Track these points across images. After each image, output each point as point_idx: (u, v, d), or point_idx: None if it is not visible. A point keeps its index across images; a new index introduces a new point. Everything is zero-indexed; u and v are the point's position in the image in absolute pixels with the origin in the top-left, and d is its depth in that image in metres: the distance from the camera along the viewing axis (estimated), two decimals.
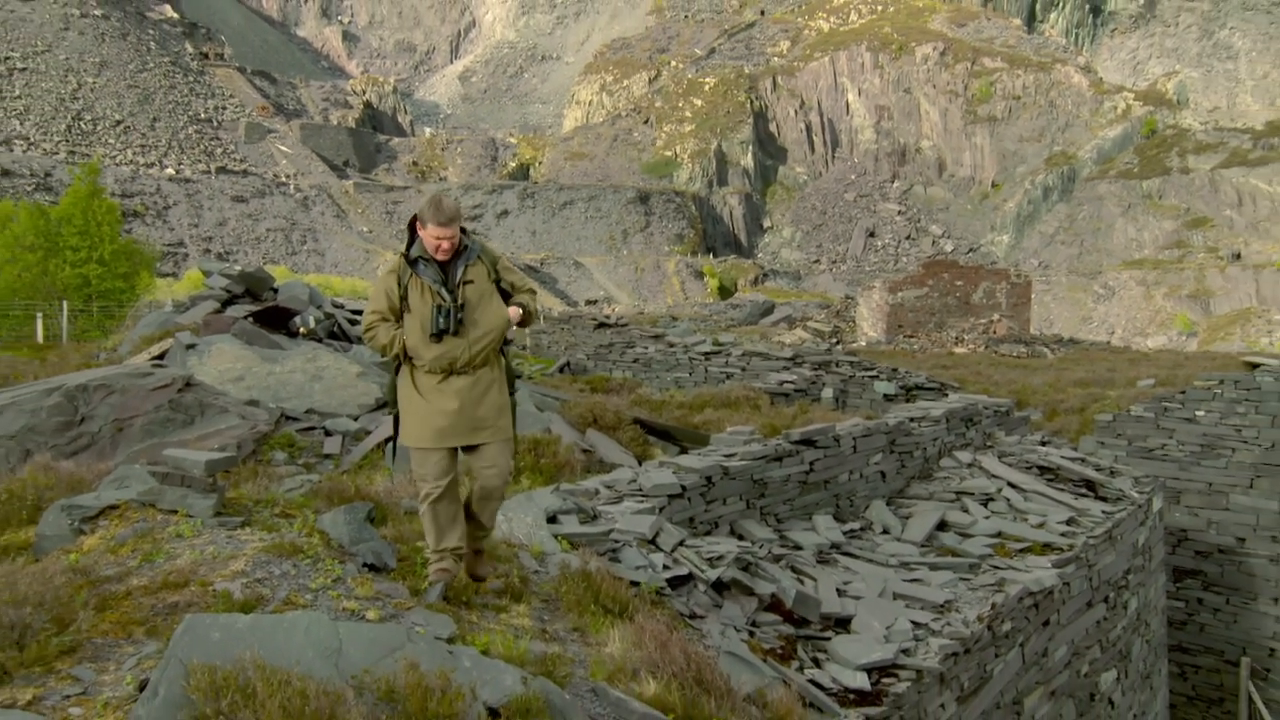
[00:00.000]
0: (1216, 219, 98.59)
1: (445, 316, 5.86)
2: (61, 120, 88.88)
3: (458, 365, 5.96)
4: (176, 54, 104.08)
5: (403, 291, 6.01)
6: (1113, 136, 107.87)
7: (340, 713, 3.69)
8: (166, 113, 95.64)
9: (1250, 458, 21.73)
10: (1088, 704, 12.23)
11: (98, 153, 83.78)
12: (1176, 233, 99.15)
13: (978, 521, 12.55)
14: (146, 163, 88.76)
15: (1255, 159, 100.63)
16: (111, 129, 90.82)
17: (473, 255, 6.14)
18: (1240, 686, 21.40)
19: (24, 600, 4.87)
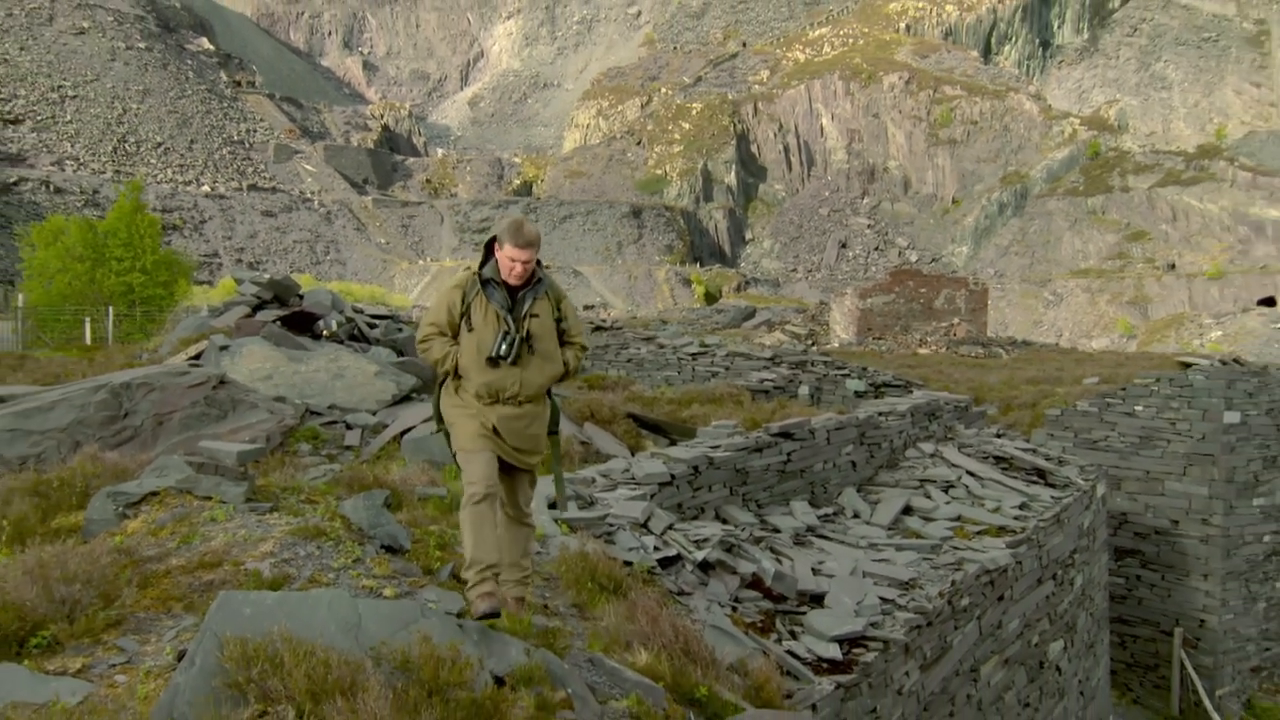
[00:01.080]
0: (1153, 233, 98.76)
1: (508, 344, 5.28)
2: (108, 142, 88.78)
3: (505, 396, 5.39)
4: (212, 82, 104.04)
5: (465, 309, 5.42)
6: (1060, 158, 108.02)
7: (360, 681, 3.68)
8: (203, 135, 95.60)
9: (1183, 448, 21.80)
10: (1037, 671, 12.24)
11: (141, 172, 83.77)
12: (1118, 245, 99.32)
13: (939, 506, 12.57)
14: (184, 181, 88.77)
15: (1187, 179, 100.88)
16: (153, 150, 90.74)
17: (541, 290, 5.54)
18: (1173, 654, 21.48)
19: (74, 578, 4.88)
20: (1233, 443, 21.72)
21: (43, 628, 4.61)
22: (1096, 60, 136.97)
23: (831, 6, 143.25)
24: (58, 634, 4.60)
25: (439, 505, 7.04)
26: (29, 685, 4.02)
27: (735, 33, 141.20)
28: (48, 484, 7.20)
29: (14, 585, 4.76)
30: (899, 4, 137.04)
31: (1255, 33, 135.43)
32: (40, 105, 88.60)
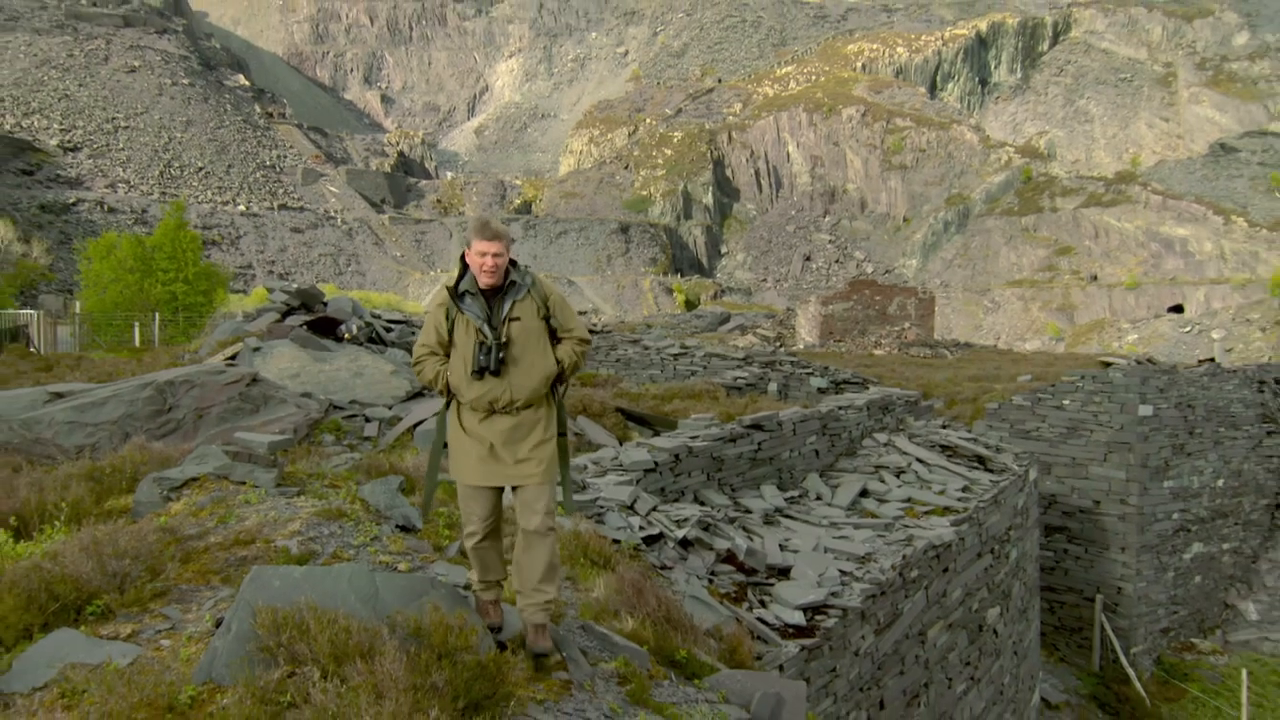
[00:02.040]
0: (1078, 248, 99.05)
1: (486, 354, 4.71)
2: (155, 167, 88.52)
3: (499, 405, 4.80)
4: (247, 114, 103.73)
5: (450, 326, 4.87)
6: (998, 182, 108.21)
7: (377, 645, 3.68)
8: (239, 161, 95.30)
9: (1104, 437, 21.97)
10: (977, 634, 12.27)
11: (184, 193, 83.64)
12: (1047, 259, 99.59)
13: (892, 490, 12.60)
14: (223, 201, 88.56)
15: (1107, 201, 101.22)
16: (195, 174, 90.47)
17: (522, 291, 4.91)
18: (1095, 618, 21.65)
19: (124, 554, 4.91)
20: (1146, 433, 21.90)
21: (97, 597, 4.64)
22: (1028, 97, 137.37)
23: (797, 47, 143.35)
24: (110, 603, 4.62)
25: (447, 489, 7.02)
26: (85, 648, 4.04)
27: (712, 70, 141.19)
28: (101, 470, 7.19)
29: (72, 560, 4.78)
30: (856, 46, 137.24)
31: (1164, 74, 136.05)
32: (96, 135, 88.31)
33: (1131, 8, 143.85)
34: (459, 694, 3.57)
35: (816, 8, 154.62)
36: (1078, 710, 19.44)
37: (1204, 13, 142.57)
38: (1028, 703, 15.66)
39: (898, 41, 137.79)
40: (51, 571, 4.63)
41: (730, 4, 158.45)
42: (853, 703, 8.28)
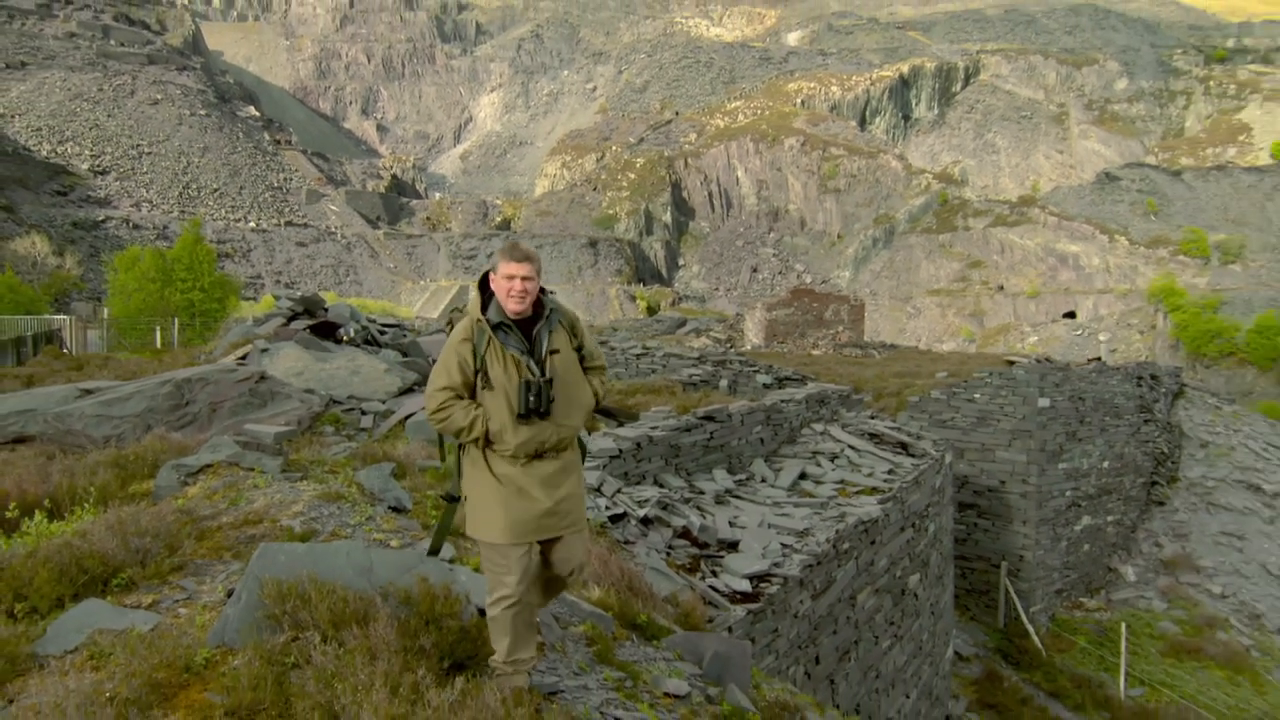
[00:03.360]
0: (987, 262, 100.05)
1: (536, 395, 3.73)
2: (175, 188, 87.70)
3: (545, 449, 3.85)
4: (257, 141, 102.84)
5: (479, 364, 3.79)
6: (918, 204, 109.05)
7: (371, 612, 3.68)
8: (250, 183, 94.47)
9: (1009, 426, 22.17)
10: (900, 597, 12.36)
11: (200, 211, 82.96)
12: (961, 271, 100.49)
13: (827, 473, 12.63)
14: (235, 218, 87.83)
15: (1012, 221, 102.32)
16: (211, 194, 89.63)
17: (555, 321, 3.96)
18: (1000, 582, 21.84)
19: (145, 532, 4.89)
20: (1044, 421, 22.13)
21: (121, 571, 4.62)
22: (944, 130, 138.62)
23: (744, 85, 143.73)
24: (133, 576, 4.61)
25: (435, 475, 6.98)
26: (111, 616, 4.03)
27: (670, 104, 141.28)
28: (125, 458, 7.10)
29: (99, 538, 4.76)
30: (796, 84, 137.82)
31: (1058, 113, 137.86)
32: (123, 160, 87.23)
33: (1030, 56, 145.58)
34: (444, 655, 3.56)
35: (761, 51, 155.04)
36: (985, 661, 19.62)
37: (1090, 61, 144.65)
38: (943, 656, 15.79)
39: (832, 81, 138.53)
40: (81, 548, 4.60)
41: (686, 47, 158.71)
42: (792, 659, 8.32)
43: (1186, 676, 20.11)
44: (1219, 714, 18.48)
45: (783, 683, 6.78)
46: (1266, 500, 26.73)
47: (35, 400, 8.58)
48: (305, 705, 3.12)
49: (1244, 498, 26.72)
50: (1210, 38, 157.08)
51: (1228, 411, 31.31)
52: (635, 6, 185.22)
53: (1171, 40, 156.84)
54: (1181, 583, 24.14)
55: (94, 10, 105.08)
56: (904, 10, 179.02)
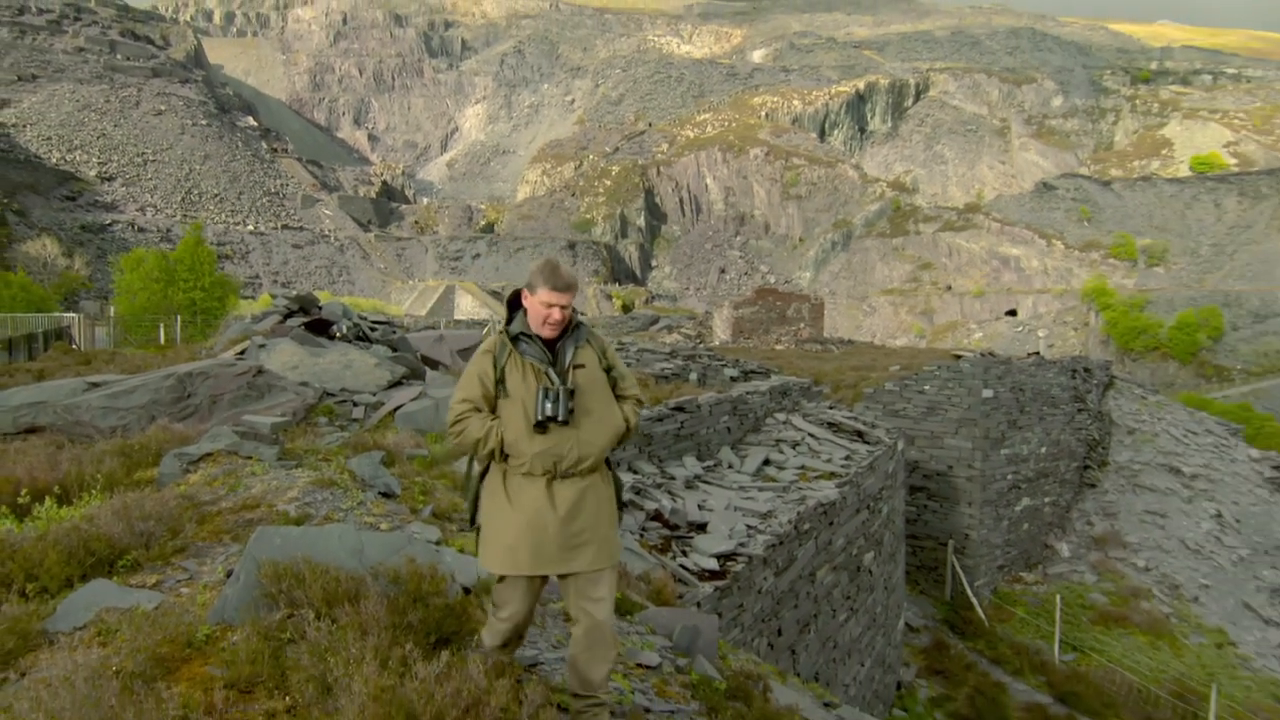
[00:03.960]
0: (936, 264, 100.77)
1: (554, 401, 3.34)
2: (178, 194, 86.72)
3: (562, 467, 3.38)
4: (256, 149, 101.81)
5: (499, 375, 3.45)
6: (874, 210, 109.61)
7: (362, 591, 3.66)
8: (248, 188, 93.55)
9: (956, 415, 22.33)
10: (856, 574, 12.43)
11: (201, 215, 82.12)
12: (913, 272, 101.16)
13: (789, 459, 12.68)
14: (235, 222, 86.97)
15: (959, 226, 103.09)
16: (211, 200, 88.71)
17: (582, 338, 3.57)
18: (947, 559, 22.02)
19: (149, 516, 4.85)
20: (988, 411, 22.31)
21: (127, 553, 4.58)
22: (897, 142, 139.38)
23: (713, 99, 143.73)
24: (138, 558, 4.57)
25: (422, 463, 6.94)
26: (117, 595, 4.00)
27: (644, 116, 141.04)
28: (131, 447, 7.01)
29: (105, 522, 4.71)
30: (760, 99, 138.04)
31: (1001, 127, 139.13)
32: (128, 167, 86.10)
33: (975, 74, 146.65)
34: (431, 630, 3.54)
35: (728, 67, 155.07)
36: (933, 632, 19.79)
37: (1029, 80, 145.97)
38: (895, 627, 15.91)
39: (794, 96, 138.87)
40: (88, 531, 4.56)
41: (658, 63, 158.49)
42: (756, 631, 8.35)
43: (1113, 642, 20.39)
44: (1141, 675, 18.74)
45: (747, 654, 6.81)
46: (1185, 481, 27.12)
47: (46, 393, 8.47)
48: (300, 677, 3.11)
49: (1166, 480, 27.10)
50: (1136, 60, 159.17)
51: (1152, 401, 31.73)
52: (611, 25, 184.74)
53: (1102, 62, 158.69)
54: (1110, 557, 24.45)
55: (101, 26, 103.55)
56: (859, 31, 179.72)
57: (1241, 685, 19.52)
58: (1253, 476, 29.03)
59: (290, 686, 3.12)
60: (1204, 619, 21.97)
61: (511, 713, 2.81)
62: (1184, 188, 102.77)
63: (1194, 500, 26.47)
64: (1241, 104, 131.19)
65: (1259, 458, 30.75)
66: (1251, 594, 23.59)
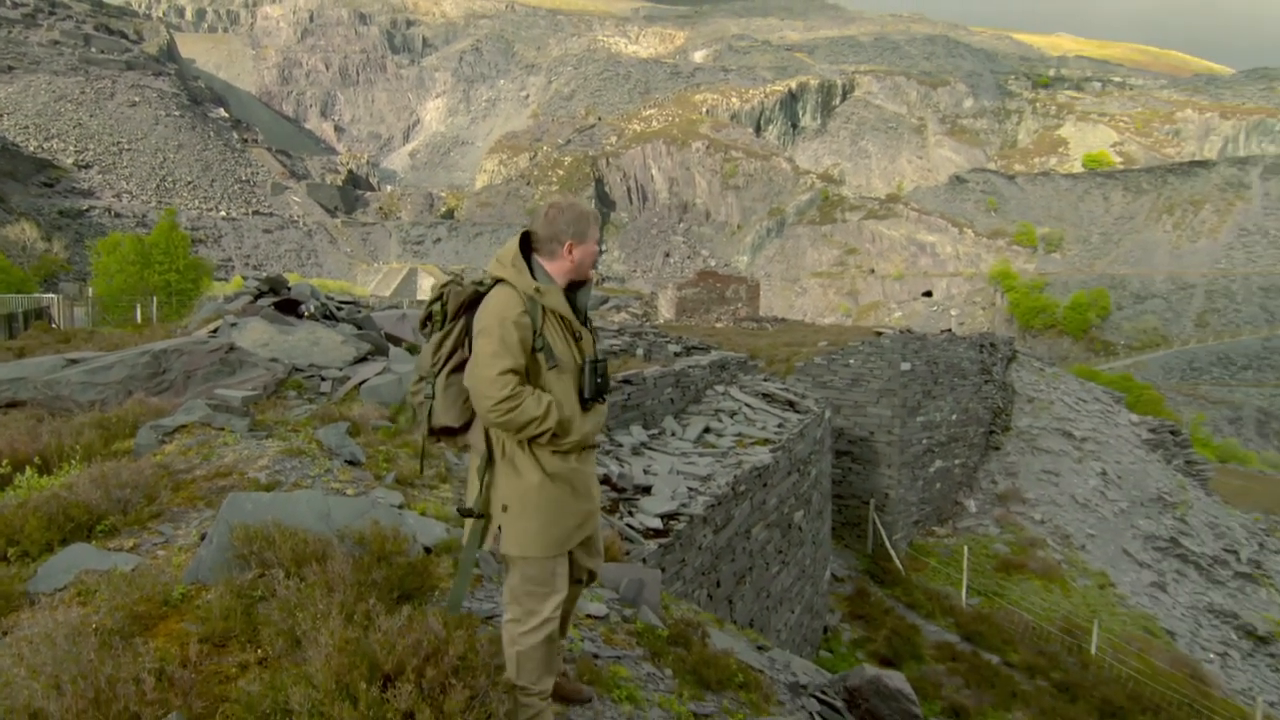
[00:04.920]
0: (861, 249, 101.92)
1: (602, 376, 2.84)
2: (153, 181, 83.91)
3: (592, 439, 2.91)
4: (227, 139, 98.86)
5: (540, 342, 2.73)
6: (805, 200, 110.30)
7: (329, 551, 3.62)
8: (221, 176, 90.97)
9: (877, 386, 22.66)
10: (787, 530, 12.59)
11: (175, 202, 79.55)
12: (840, 257, 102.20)
13: (727, 427, 12.77)
14: (207, 208, 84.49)
15: (881, 214, 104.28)
16: (185, 187, 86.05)
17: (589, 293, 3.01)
18: (869, 516, 22.40)
19: (125, 484, 4.72)
20: (905, 382, 22.69)
21: (104, 519, 4.45)
22: (826, 138, 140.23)
23: (658, 95, 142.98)
24: (115, 523, 4.44)
25: (386, 432, 6.84)
26: (96, 558, 3.90)
27: (594, 110, 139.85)
28: (108, 420, 6.81)
29: (83, 489, 4.58)
30: (701, 96, 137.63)
31: (918, 125, 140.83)
32: (104, 155, 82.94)
33: (896, 77, 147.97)
34: (394, 587, 3.52)
35: (672, 66, 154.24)
36: (856, 581, 20.18)
37: (944, 83, 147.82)
38: (822, 578, 16.19)
39: (732, 93, 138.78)
40: (67, 498, 4.44)
41: (607, 61, 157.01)
42: (697, 584, 8.43)
43: (1013, 587, 21.02)
44: (1036, 615, 19.37)
45: (689, 604, 6.88)
46: (1076, 444, 27.95)
47: (26, 369, 8.19)
48: (270, 632, 3.08)
49: (1059, 442, 27.88)
50: (1036, 67, 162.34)
51: (1049, 373, 32.55)
52: (563, 25, 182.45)
53: (1007, 68, 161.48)
54: (1011, 512, 25.12)
55: (76, 21, 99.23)
56: (792, 35, 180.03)
57: (1119, 620, 20.30)
58: (1132, 438, 30.04)
59: (261, 640, 3.09)
60: (1089, 564, 22.75)
61: (470, 660, 2.81)
62: (1077, 182, 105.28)
63: (1083, 460, 27.27)
64: (1126, 109, 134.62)
65: (1138, 422, 31.83)
66: (1129, 541, 24.49)
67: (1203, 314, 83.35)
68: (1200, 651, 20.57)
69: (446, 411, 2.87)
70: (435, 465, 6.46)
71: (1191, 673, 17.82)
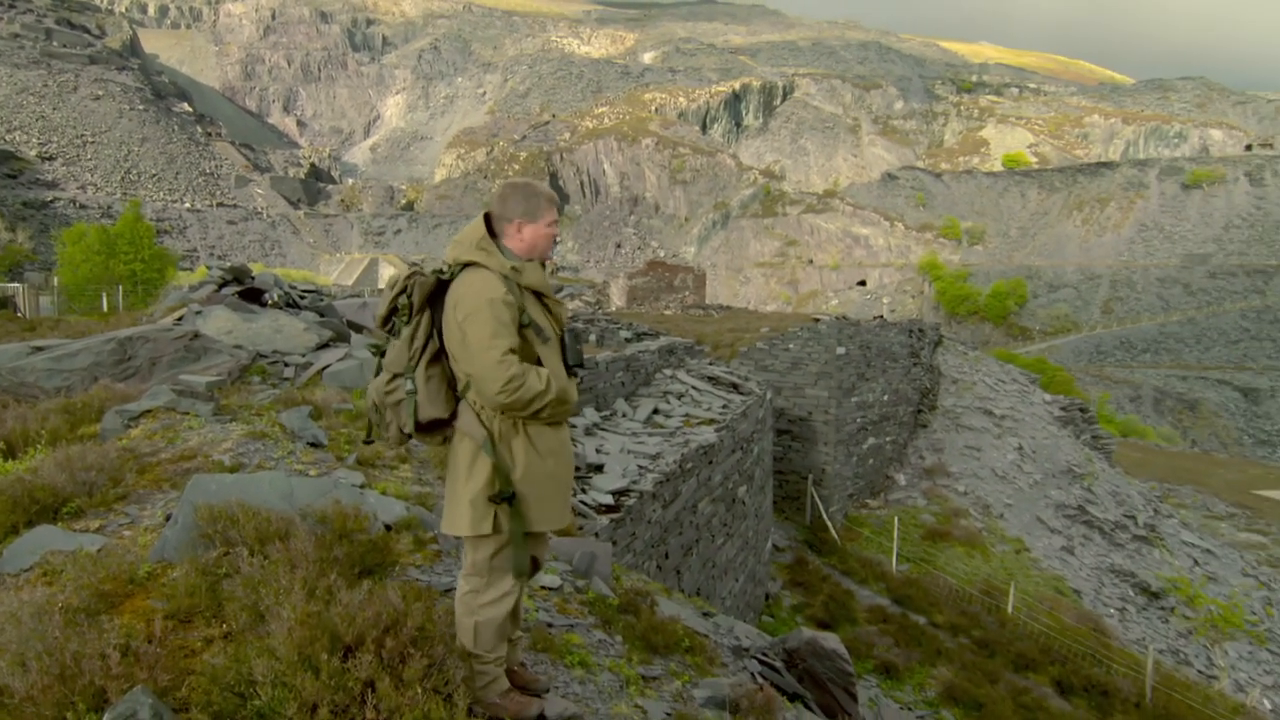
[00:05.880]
0: (800, 241, 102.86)
1: (580, 344, 2.82)
2: (117, 174, 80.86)
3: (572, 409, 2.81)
4: (191, 133, 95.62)
5: (525, 319, 2.68)
6: (748, 194, 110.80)
7: (292, 530, 3.56)
8: (185, 169, 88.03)
9: (815, 369, 22.87)
10: (731, 504, 12.71)
11: (141, 194, 76.78)
12: (781, 248, 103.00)
13: (675, 409, 12.81)
14: (172, 200, 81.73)
15: (819, 209, 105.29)
16: (150, 179, 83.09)
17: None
18: (807, 490, 22.66)
19: (91, 467, 4.59)
20: (841, 365, 22.94)
21: (70, 501, 4.31)
22: (768, 136, 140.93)
23: (609, 94, 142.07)
24: (81, 505, 4.30)
25: (348, 416, 6.72)
26: (62, 539, 3.79)
27: (548, 107, 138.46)
28: (74, 405, 6.58)
29: (48, 473, 4.45)
30: (651, 95, 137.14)
31: (853, 125, 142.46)
32: (68, 148, 79.49)
33: (832, 79, 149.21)
34: (355, 563, 3.48)
35: (623, 67, 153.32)
36: (796, 551, 20.44)
37: (876, 86, 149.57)
38: (764, 548, 16.38)
39: (680, 93, 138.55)
40: (32, 482, 4.29)
41: (561, 61, 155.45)
42: (646, 556, 8.48)
43: (939, 554, 21.53)
44: (959, 578, 19.88)
45: (639, 575, 6.92)
46: (996, 421, 28.65)
47: None
48: (235, 607, 3.02)
49: (981, 420, 28.54)
50: (960, 73, 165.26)
51: (971, 356, 33.24)
52: (518, 26, 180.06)
53: (934, 74, 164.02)
54: (937, 485, 25.65)
55: (37, 15, 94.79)
56: (735, 39, 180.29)
57: (1033, 582, 20.95)
58: (1045, 416, 30.92)
59: (226, 615, 3.03)
60: (1007, 531, 23.39)
61: (428, 631, 2.80)
62: (997, 180, 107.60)
63: (1002, 436, 27.96)
64: (1040, 113, 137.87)
65: (1050, 401, 32.77)
66: (1042, 509, 25.24)
67: (1108, 302, 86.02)
68: (1102, 607, 21.35)
69: (433, 403, 2.74)
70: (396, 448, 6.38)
71: (1094, 626, 18.49)
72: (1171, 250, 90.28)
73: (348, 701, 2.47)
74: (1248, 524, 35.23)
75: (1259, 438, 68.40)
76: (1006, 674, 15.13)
